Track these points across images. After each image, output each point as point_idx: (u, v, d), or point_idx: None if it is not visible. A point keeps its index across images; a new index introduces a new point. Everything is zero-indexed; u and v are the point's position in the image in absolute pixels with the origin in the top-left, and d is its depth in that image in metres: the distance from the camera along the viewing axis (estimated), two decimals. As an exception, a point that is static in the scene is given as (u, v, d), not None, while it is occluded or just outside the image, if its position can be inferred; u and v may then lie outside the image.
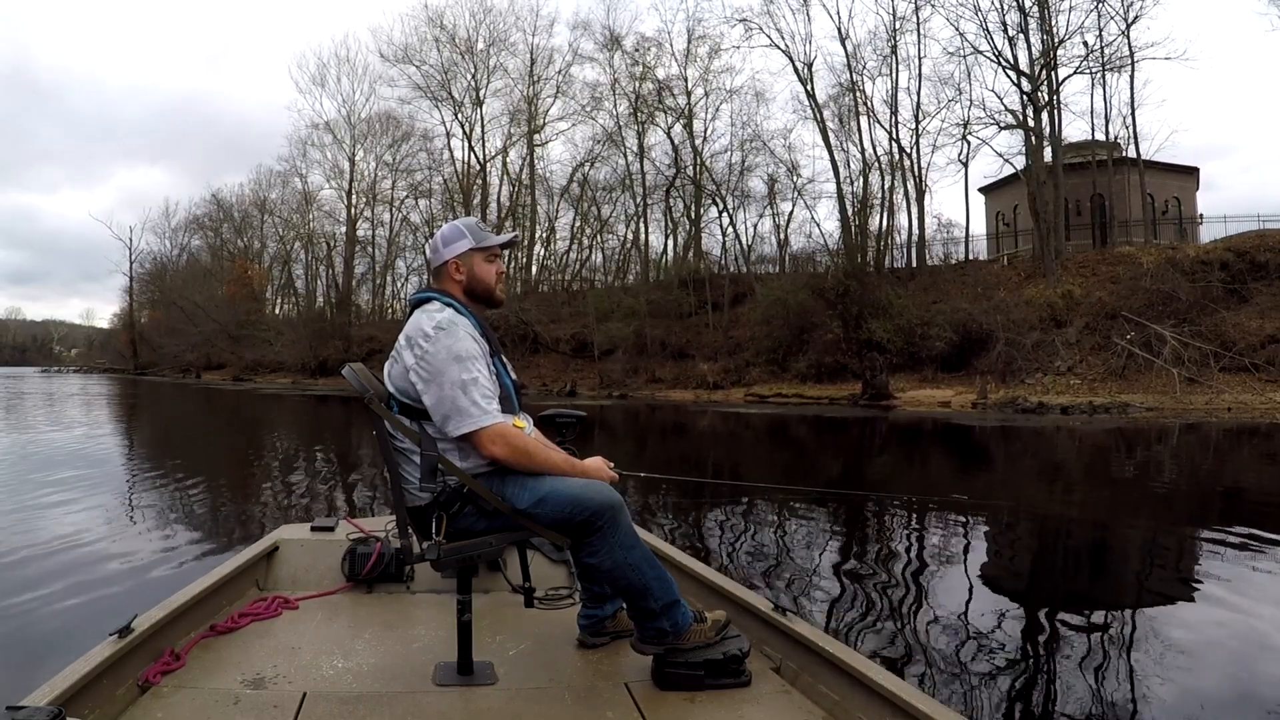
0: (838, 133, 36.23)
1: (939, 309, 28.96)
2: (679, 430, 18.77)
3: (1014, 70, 32.32)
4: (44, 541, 5.65)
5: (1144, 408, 20.75)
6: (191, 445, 14.63)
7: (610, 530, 2.10)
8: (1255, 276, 25.38)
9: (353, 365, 2.27)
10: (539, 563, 2.96)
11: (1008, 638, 3.87)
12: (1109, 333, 25.19)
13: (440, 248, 2.29)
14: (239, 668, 2.22)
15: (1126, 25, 31.17)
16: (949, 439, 16.10)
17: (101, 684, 1.92)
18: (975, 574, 5.21)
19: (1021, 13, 31.94)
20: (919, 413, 21.88)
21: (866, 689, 1.94)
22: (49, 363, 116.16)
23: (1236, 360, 22.69)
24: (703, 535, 6.47)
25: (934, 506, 7.64)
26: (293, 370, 50.17)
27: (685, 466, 11.38)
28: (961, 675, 3.34)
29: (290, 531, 3.32)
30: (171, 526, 6.34)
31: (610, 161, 43.96)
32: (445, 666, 2.25)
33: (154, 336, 70.47)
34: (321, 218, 57.07)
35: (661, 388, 33.33)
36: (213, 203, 67.59)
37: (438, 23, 46.68)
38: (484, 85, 46.99)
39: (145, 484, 8.78)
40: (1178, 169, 36.01)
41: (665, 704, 2.09)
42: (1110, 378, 23.92)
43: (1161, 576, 5.37)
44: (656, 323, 36.46)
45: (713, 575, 2.79)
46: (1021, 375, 25.04)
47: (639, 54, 41.34)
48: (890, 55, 35.31)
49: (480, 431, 2.05)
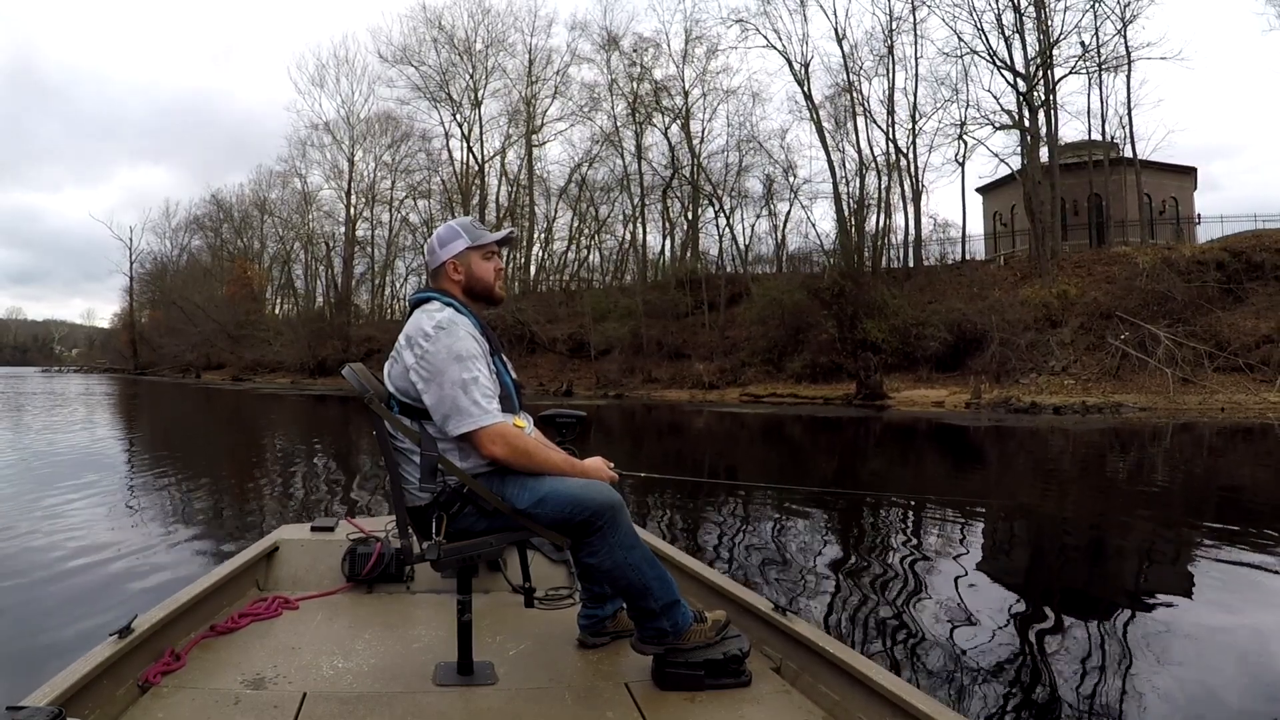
0: (834, 133, 36.33)
1: (934, 309, 28.96)
2: (675, 430, 18.77)
3: (1009, 70, 32.42)
4: (44, 541, 5.64)
5: (1137, 408, 20.76)
6: (191, 445, 14.60)
7: (610, 530, 2.11)
8: (1251, 276, 25.34)
9: (353, 365, 2.27)
10: (539, 563, 2.96)
11: (1008, 637, 3.88)
12: (1104, 333, 25.18)
13: (437, 248, 2.29)
14: (239, 668, 2.22)
15: (1124, 25, 31.29)
16: (939, 439, 16.10)
17: (101, 684, 1.91)
18: (975, 574, 5.22)
19: (1017, 13, 32.02)
20: (912, 413, 21.88)
21: (866, 689, 1.94)
22: (50, 363, 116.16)
23: (1231, 360, 22.71)
24: (703, 535, 6.48)
25: (931, 506, 7.66)
26: (292, 370, 50.23)
27: (683, 466, 11.38)
28: (962, 675, 3.35)
29: (290, 531, 3.31)
30: (171, 526, 6.33)
31: (608, 162, 44.08)
32: (445, 666, 2.25)
33: (154, 336, 70.51)
34: (321, 218, 57.22)
35: (657, 388, 33.34)
36: (213, 203, 67.78)
37: (436, 23, 46.71)
38: (482, 86, 47.04)
39: (145, 484, 8.77)
40: (1175, 169, 36.02)
41: (665, 704, 2.09)
42: (1105, 378, 23.93)
43: (1157, 576, 5.38)
44: (653, 323, 36.47)
45: (713, 575, 2.80)
46: (1016, 375, 25.04)
47: (636, 54, 41.43)
48: (887, 55, 35.38)
49: (480, 431, 2.05)
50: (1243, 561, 5.36)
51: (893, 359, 28.06)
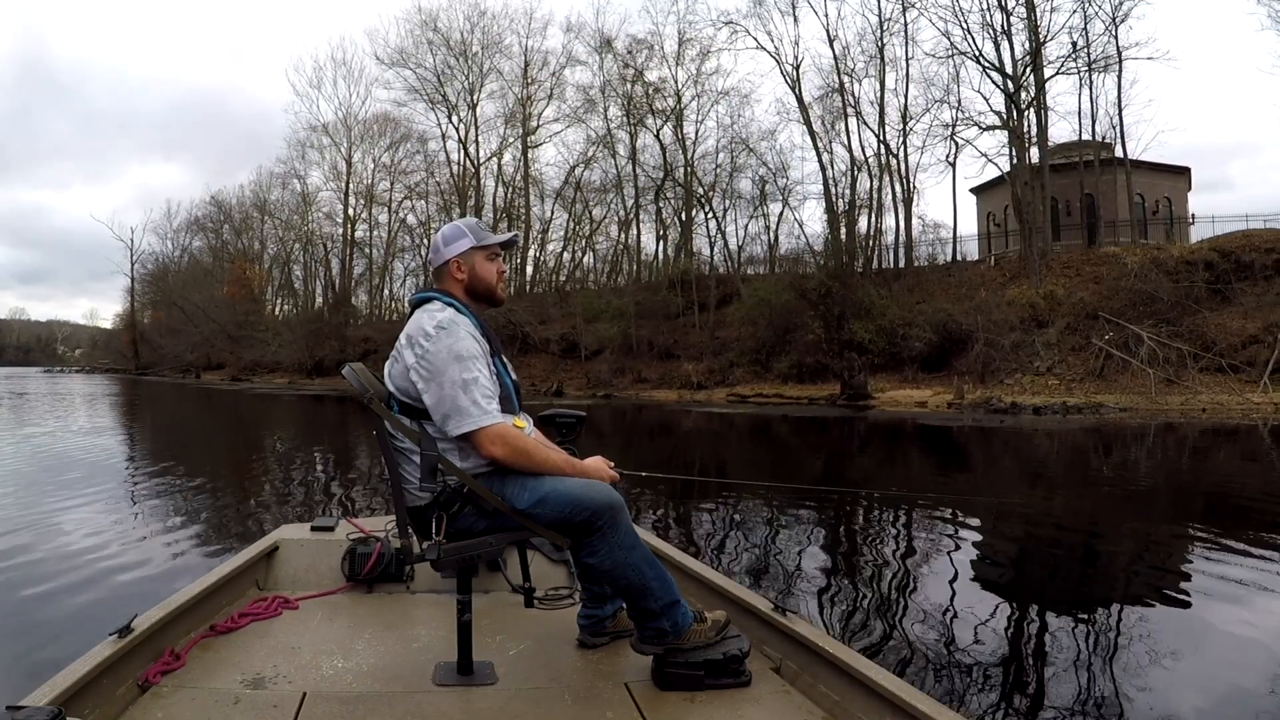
0: (824, 135, 36.41)
1: (921, 309, 29.07)
2: (665, 430, 18.81)
3: (996, 71, 32.52)
4: (44, 541, 5.62)
5: (1118, 408, 20.79)
6: (190, 445, 14.53)
7: (610, 530, 2.11)
8: (1240, 276, 25.33)
9: (353, 365, 2.27)
10: (539, 563, 2.96)
11: (1006, 637, 3.91)
12: (1089, 333, 25.26)
13: (441, 247, 2.30)
14: (239, 668, 2.22)
15: (1114, 24, 31.42)
16: (918, 439, 16.08)
17: (101, 684, 1.91)
18: (970, 572, 5.25)
19: (1005, 14, 32.13)
20: (895, 413, 21.88)
21: (866, 689, 1.95)
22: (53, 363, 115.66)
23: (1215, 361, 22.79)
24: (702, 534, 6.50)
25: (927, 505, 7.68)
26: (290, 370, 50.16)
27: (673, 466, 11.40)
28: (962, 675, 3.37)
29: (290, 531, 3.31)
30: (171, 526, 6.31)
31: (603, 163, 44.09)
32: (445, 666, 2.25)
33: (155, 337, 70.49)
34: (320, 219, 57.15)
35: (647, 388, 33.40)
36: (213, 204, 67.63)
37: (432, 25, 46.60)
38: (478, 88, 46.96)
39: (145, 484, 8.72)
40: (1169, 169, 36.03)
41: (665, 704, 2.09)
42: (1088, 378, 23.98)
43: (1148, 575, 5.41)
44: (644, 323, 36.51)
45: (713, 575, 2.80)
46: (1000, 375, 25.11)
47: (631, 56, 41.41)
48: (877, 56, 35.46)
49: (480, 431, 2.06)
50: (1231, 560, 5.40)
51: (879, 359, 28.15)
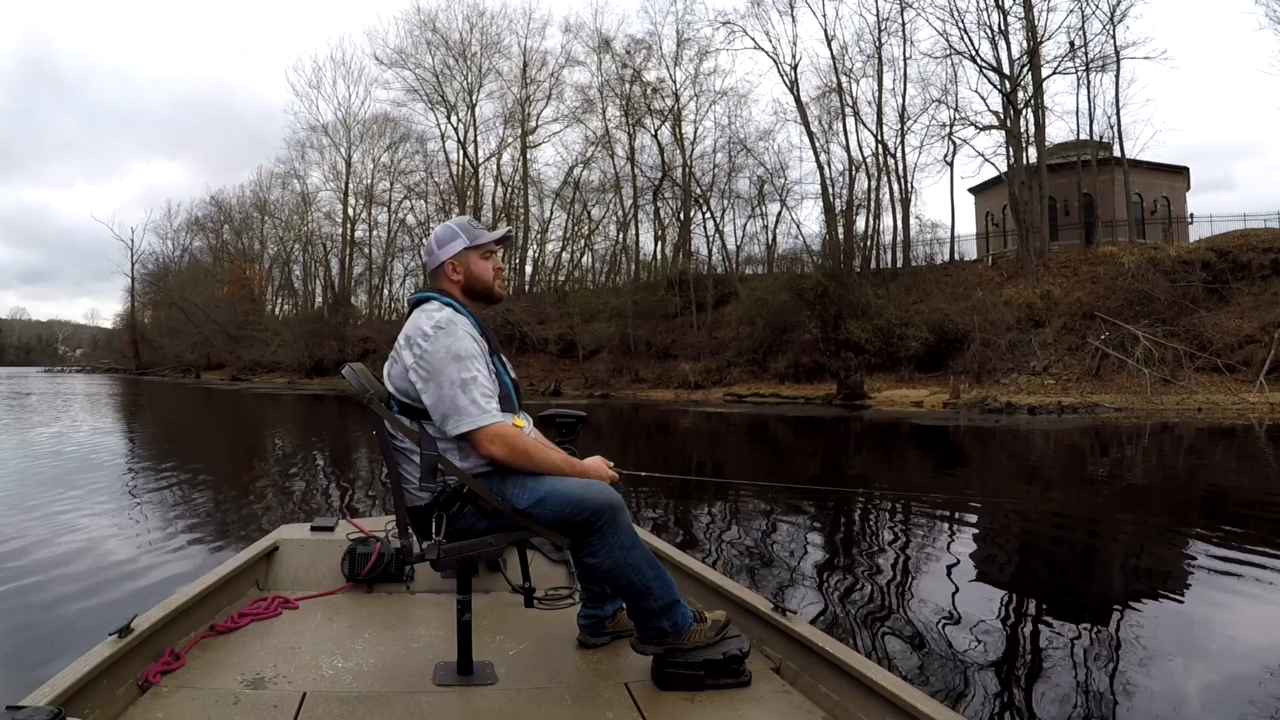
0: (822, 135, 36.43)
1: (918, 309, 29.11)
2: (662, 429, 18.81)
3: (993, 71, 32.55)
4: (44, 541, 5.61)
5: (1113, 408, 20.79)
6: (190, 445, 14.51)
7: (610, 530, 2.11)
8: (1237, 276, 25.32)
9: (352, 365, 2.27)
10: (539, 563, 2.96)
11: (1007, 636, 3.92)
12: (1086, 333, 25.28)
13: (435, 249, 2.30)
14: (239, 668, 2.22)
15: (1112, 24, 31.44)
16: (914, 439, 16.07)
17: (101, 684, 1.91)
18: (969, 572, 5.26)
19: (1002, 13, 32.16)
20: (891, 413, 21.87)
21: (866, 689, 1.95)
22: (53, 363, 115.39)
23: (1211, 361, 22.80)
24: (701, 534, 6.50)
25: (924, 504, 7.69)
26: (289, 370, 50.12)
27: (671, 465, 11.38)
28: (962, 675, 3.37)
29: (290, 531, 3.30)
30: (171, 526, 6.30)
31: (601, 164, 44.08)
32: (445, 666, 2.25)
33: (155, 337, 70.38)
34: (319, 219, 57.12)
35: (644, 387, 33.39)
36: (213, 204, 67.59)
37: (431, 26, 46.57)
38: (477, 88, 46.94)
39: (145, 484, 8.71)
40: (1167, 168, 36.07)
41: (665, 704, 2.09)
42: (1085, 378, 24.00)
43: (1146, 574, 5.42)
44: (642, 323, 36.50)
45: (713, 575, 2.80)
46: (996, 375, 25.13)
47: (629, 56, 41.40)
48: (875, 56, 35.47)
49: (479, 431, 2.05)
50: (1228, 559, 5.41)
51: (876, 359, 28.18)
